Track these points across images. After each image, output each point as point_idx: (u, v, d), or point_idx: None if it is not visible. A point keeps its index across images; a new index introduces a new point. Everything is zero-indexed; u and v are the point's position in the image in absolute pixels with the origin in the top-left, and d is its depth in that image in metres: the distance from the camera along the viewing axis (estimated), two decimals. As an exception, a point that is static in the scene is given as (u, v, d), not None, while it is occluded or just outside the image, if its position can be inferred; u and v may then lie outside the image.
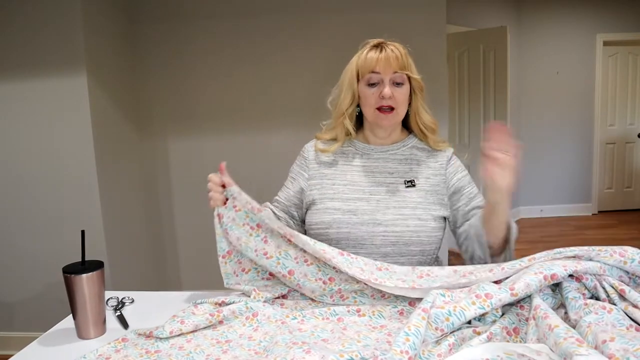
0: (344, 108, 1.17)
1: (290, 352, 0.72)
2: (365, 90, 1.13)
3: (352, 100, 1.17)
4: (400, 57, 1.11)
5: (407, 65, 1.12)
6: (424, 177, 1.17)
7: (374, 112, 1.13)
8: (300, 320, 0.92)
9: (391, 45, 1.13)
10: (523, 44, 4.81)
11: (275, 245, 1.05)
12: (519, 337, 0.77)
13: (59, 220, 2.40)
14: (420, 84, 1.15)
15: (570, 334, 0.65)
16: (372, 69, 1.11)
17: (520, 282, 0.79)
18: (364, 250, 1.12)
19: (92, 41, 2.37)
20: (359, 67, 1.14)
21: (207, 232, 3.43)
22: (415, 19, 2.80)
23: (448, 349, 0.72)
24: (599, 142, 5.03)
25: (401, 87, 1.12)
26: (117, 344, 0.86)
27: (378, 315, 0.92)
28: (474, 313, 0.77)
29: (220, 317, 0.92)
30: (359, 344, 0.79)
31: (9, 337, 2.53)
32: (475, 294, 0.79)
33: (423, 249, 1.13)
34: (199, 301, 1.02)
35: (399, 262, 1.13)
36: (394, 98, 1.11)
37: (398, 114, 1.14)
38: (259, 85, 2.93)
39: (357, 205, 1.13)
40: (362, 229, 1.11)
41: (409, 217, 1.11)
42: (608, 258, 0.83)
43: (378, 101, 1.11)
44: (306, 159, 1.24)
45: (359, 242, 1.12)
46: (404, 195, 1.14)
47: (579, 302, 0.78)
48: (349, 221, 1.12)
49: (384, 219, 1.11)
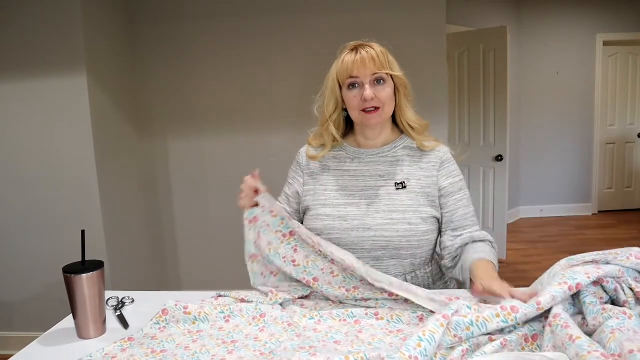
0: (328, 115, 1.18)
1: (296, 355, 0.72)
2: (347, 94, 1.13)
3: (336, 106, 1.17)
4: (376, 57, 1.10)
5: (385, 63, 1.11)
6: (415, 178, 1.16)
7: (359, 113, 1.13)
8: (317, 320, 0.92)
9: (367, 47, 1.11)
10: (523, 44, 4.81)
11: (304, 255, 1.07)
12: (535, 344, 0.76)
13: (59, 220, 2.40)
14: (403, 81, 1.14)
15: (594, 347, 0.64)
16: (350, 73, 1.10)
17: (546, 295, 0.77)
18: (355, 255, 1.12)
19: (92, 41, 2.37)
20: (338, 73, 1.13)
21: (207, 232, 3.44)
22: (415, 19, 2.80)
23: (461, 354, 0.71)
24: (599, 142, 5.03)
25: (383, 85, 1.11)
26: (123, 343, 0.86)
27: (397, 319, 0.90)
28: (497, 326, 0.75)
29: (228, 313, 0.93)
30: (369, 347, 0.79)
31: (9, 337, 2.53)
32: (501, 305, 0.77)
33: (414, 252, 1.13)
34: (222, 293, 1.04)
35: (390, 264, 1.13)
36: (376, 98, 1.10)
37: (384, 112, 1.13)
38: (259, 85, 2.93)
39: (347, 211, 1.14)
40: (352, 235, 1.12)
41: (399, 221, 1.11)
42: (625, 261, 0.82)
43: (361, 104, 1.11)
44: (300, 165, 1.26)
45: (349, 247, 1.12)
46: (394, 199, 1.13)
47: (597, 307, 0.77)
48: (339, 227, 1.13)
49: (373, 223, 1.11)
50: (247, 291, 1.07)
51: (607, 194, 5.19)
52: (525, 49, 4.82)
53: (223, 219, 3.01)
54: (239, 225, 1.11)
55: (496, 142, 3.70)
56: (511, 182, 4.39)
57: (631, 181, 5.22)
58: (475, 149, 3.75)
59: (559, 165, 5.03)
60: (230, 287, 1.11)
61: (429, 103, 1.20)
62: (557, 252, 3.79)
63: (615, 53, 4.96)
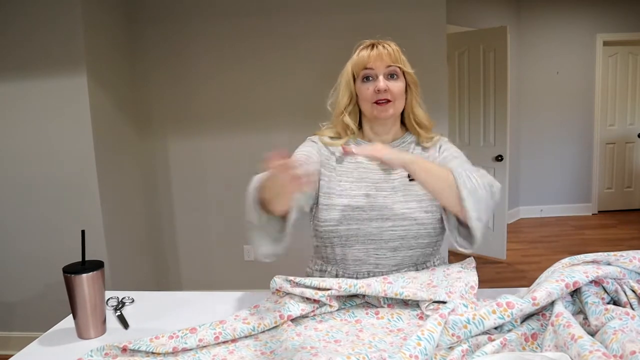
0: (343, 107, 1.19)
1: (297, 355, 0.72)
2: (361, 86, 1.15)
3: (351, 99, 1.19)
4: (392, 52, 1.13)
5: (399, 59, 1.14)
6: None
7: (371, 105, 1.15)
8: (318, 320, 0.92)
9: (383, 43, 1.15)
10: (523, 44, 4.81)
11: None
12: (535, 343, 0.76)
13: (59, 220, 2.40)
14: (414, 78, 1.17)
15: (596, 347, 0.64)
16: (365, 65, 1.13)
17: (542, 291, 0.78)
18: (373, 246, 1.13)
19: (92, 41, 2.37)
20: (353, 66, 1.16)
21: (207, 232, 3.44)
22: (415, 19, 2.80)
23: (461, 355, 0.71)
24: (599, 142, 5.03)
25: (396, 80, 1.14)
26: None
27: (397, 318, 0.91)
28: (494, 322, 0.75)
29: (219, 330, 0.87)
30: (370, 349, 0.79)
31: (9, 337, 2.53)
32: (497, 302, 0.78)
33: (430, 240, 1.15)
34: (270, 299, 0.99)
35: (407, 256, 1.14)
36: (389, 91, 1.12)
37: (395, 106, 1.15)
38: (259, 85, 2.93)
39: (364, 202, 1.14)
40: (372, 225, 1.13)
41: (416, 210, 1.13)
42: (627, 264, 0.82)
43: (374, 95, 1.13)
44: (316, 145, 1.23)
45: (368, 237, 1.13)
46: (409, 189, 1.15)
47: (599, 307, 0.77)
48: (358, 217, 1.13)
49: (391, 214, 1.13)
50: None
51: (607, 194, 5.19)
52: (525, 49, 4.82)
53: (223, 218, 3.01)
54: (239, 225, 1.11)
55: (496, 142, 3.70)
56: (511, 182, 4.39)
57: (631, 181, 5.22)
58: (475, 149, 3.75)
59: (559, 165, 5.03)
60: (230, 287, 1.10)
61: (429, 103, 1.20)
62: (557, 252, 3.79)
63: (615, 53, 4.96)
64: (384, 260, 1.14)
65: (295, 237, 0.99)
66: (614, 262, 0.83)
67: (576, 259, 0.86)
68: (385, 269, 1.14)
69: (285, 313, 0.90)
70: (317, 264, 1.25)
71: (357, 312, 0.94)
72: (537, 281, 0.86)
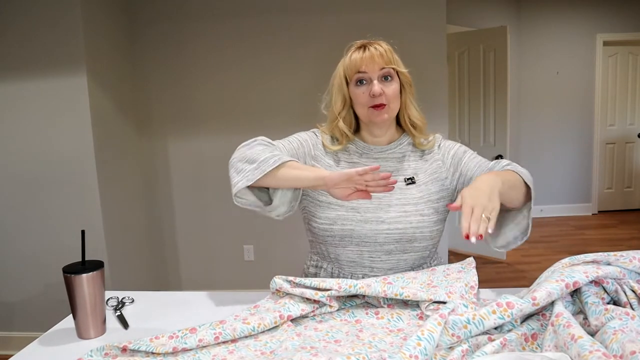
0: (337, 112, 1.18)
1: (297, 355, 0.72)
2: (355, 90, 1.13)
3: (344, 104, 1.17)
4: (384, 53, 1.11)
5: (392, 60, 1.12)
6: (422, 171, 1.18)
7: (367, 110, 1.13)
8: (318, 320, 0.92)
9: (374, 44, 1.13)
10: (523, 44, 4.81)
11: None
12: (535, 343, 0.76)
13: (59, 220, 2.40)
14: (408, 78, 1.15)
15: (595, 347, 0.64)
16: (358, 69, 1.11)
17: (542, 291, 0.77)
18: (367, 248, 1.13)
19: (92, 41, 2.37)
20: (346, 70, 1.14)
21: (207, 232, 3.44)
22: (415, 19, 2.80)
23: (461, 355, 0.71)
24: (599, 142, 5.03)
25: (390, 82, 1.12)
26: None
27: (397, 318, 0.91)
28: (494, 323, 0.75)
29: (220, 329, 0.87)
30: (370, 349, 0.79)
31: (9, 337, 2.53)
32: (497, 302, 0.77)
33: (426, 244, 1.14)
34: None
35: (402, 259, 1.14)
36: (384, 94, 1.11)
37: (391, 109, 1.13)
38: (258, 85, 2.93)
39: (359, 203, 1.14)
40: (366, 227, 1.12)
41: (411, 213, 1.12)
42: (627, 264, 0.82)
43: (369, 100, 1.11)
44: (318, 139, 1.24)
45: (362, 239, 1.12)
46: (405, 193, 1.14)
47: (599, 307, 0.77)
48: (352, 218, 1.13)
49: (387, 216, 1.12)
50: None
51: (607, 194, 5.19)
52: (525, 49, 4.82)
53: (223, 218, 3.01)
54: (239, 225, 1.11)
55: (496, 142, 3.70)
56: (511, 182, 4.38)
57: (631, 181, 5.22)
58: (475, 149, 3.69)
59: (559, 165, 5.03)
60: (230, 287, 1.10)
61: (429, 103, 1.20)
62: (557, 252, 3.79)
63: (615, 53, 4.96)
64: (379, 263, 1.14)
65: (295, 237, 0.99)
66: (614, 262, 0.83)
67: (576, 259, 0.86)
68: (381, 272, 1.14)
69: (285, 313, 0.90)
70: (312, 259, 1.25)
71: (357, 312, 0.94)
72: (537, 281, 0.86)
